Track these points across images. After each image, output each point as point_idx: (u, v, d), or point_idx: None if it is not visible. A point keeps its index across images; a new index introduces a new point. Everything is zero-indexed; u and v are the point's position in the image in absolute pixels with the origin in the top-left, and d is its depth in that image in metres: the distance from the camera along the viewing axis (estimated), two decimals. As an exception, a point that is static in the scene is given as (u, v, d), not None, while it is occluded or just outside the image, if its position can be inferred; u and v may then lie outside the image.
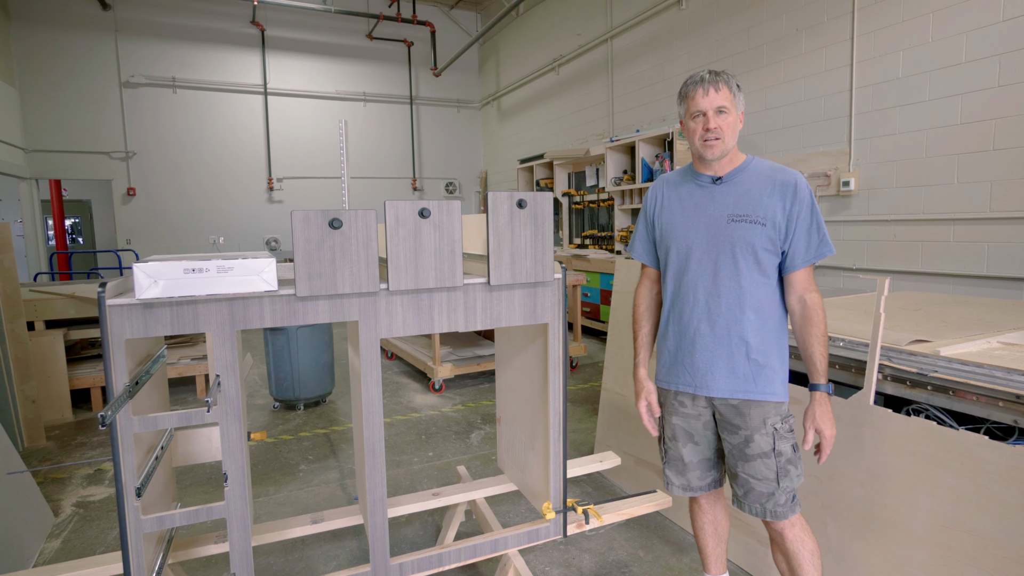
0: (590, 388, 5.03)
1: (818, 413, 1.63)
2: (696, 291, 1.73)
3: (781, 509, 1.69)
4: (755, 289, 1.67)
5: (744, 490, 1.73)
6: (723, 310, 1.69)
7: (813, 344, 1.64)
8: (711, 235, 1.70)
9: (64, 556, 2.60)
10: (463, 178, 11.69)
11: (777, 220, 1.64)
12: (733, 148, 1.69)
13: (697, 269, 1.72)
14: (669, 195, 1.83)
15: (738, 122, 1.68)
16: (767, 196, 1.65)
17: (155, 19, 9.22)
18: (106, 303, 1.36)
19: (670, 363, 1.81)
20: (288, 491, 3.20)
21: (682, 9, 6.53)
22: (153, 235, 9.37)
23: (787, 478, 1.69)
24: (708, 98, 1.64)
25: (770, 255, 1.66)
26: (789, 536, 1.72)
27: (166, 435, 1.87)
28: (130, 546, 1.46)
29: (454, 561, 1.82)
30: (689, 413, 1.80)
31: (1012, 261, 3.94)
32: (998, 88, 3.92)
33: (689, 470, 1.84)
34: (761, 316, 1.68)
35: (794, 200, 1.64)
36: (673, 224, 1.79)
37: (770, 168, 1.71)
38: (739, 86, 1.69)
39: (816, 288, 1.68)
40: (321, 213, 1.47)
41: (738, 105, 1.67)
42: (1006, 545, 1.58)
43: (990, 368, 1.77)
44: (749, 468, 1.70)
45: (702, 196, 1.74)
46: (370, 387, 1.62)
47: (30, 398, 3.92)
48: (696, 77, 1.67)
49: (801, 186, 1.65)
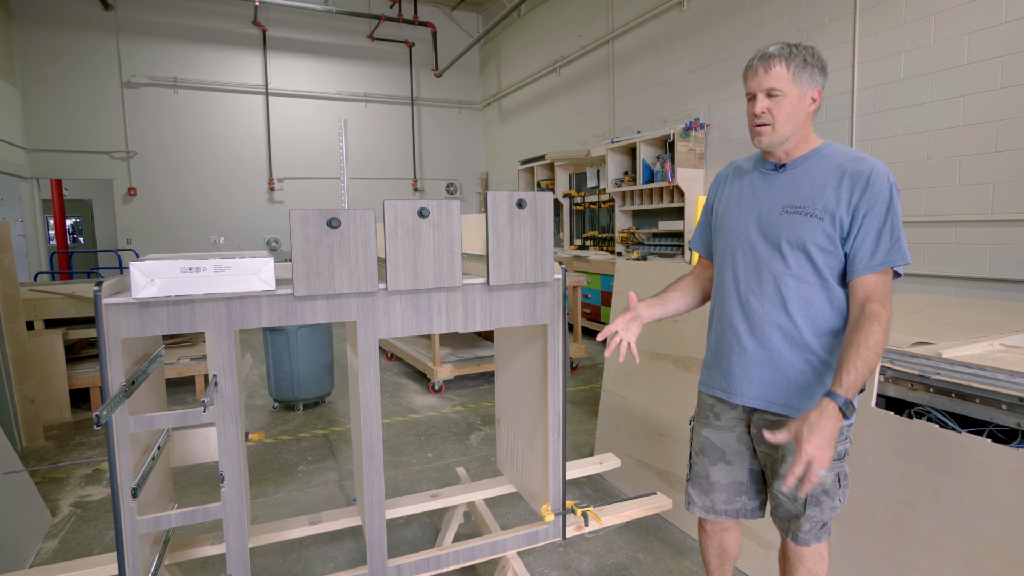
0: (590, 389, 5.02)
1: (811, 419, 1.28)
2: (739, 288, 1.56)
3: (804, 536, 1.52)
4: (806, 291, 1.46)
5: (774, 504, 1.60)
6: (765, 312, 1.51)
7: (850, 351, 1.33)
8: (760, 228, 1.52)
9: (61, 556, 2.58)
10: (464, 179, 11.69)
11: (839, 215, 1.41)
12: (802, 133, 1.48)
13: (743, 264, 1.56)
14: (732, 182, 1.66)
15: (802, 104, 1.45)
16: (832, 187, 1.43)
17: (156, 19, 9.23)
18: (103, 302, 1.35)
19: (710, 364, 1.68)
20: (287, 492, 3.19)
21: (683, 10, 6.52)
22: (154, 235, 9.37)
23: (818, 507, 1.49)
24: (757, 79, 1.45)
25: (827, 255, 1.44)
26: (794, 559, 1.59)
27: (163, 435, 1.86)
28: (125, 547, 1.45)
29: (452, 563, 1.80)
30: (722, 426, 1.64)
31: (1014, 263, 3.92)
32: (1000, 90, 3.91)
33: (715, 491, 1.67)
34: (812, 323, 1.47)
35: (864, 193, 1.39)
36: (728, 213, 1.62)
37: (845, 155, 1.46)
38: (809, 61, 1.43)
39: (885, 301, 1.38)
40: (319, 212, 1.46)
41: (802, 85, 1.43)
42: (1009, 549, 1.57)
43: (993, 371, 1.76)
44: (779, 484, 1.54)
45: (761, 185, 1.56)
46: (368, 388, 1.60)
47: (29, 398, 3.91)
48: (755, 54, 1.48)
49: (877, 178, 1.40)
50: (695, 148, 6.18)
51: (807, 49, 1.44)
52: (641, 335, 3.00)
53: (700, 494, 1.71)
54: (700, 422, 1.71)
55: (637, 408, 2.98)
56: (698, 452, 1.71)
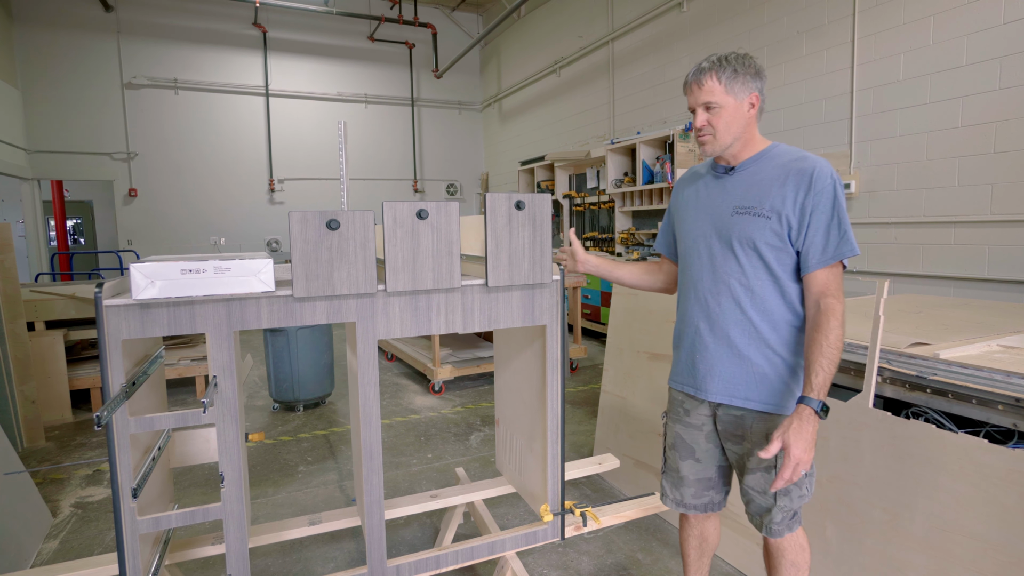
0: (590, 390, 5.02)
1: (793, 427, 1.37)
2: (698, 289, 1.64)
3: (776, 527, 1.59)
4: (759, 288, 1.53)
5: (746, 500, 1.66)
6: (722, 310, 1.58)
7: (813, 352, 1.43)
8: (714, 229, 1.60)
9: (62, 557, 2.59)
10: (464, 180, 11.70)
11: (785, 213, 1.47)
12: (746, 137, 1.55)
13: (698, 265, 1.63)
14: (689, 186, 1.73)
15: (740, 112, 1.52)
16: (777, 186, 1.50)
17: (157, 20, 9.25)
18: (103, 303, 1.36)
19: (676, 362, 1.75)
20: (287, 492, 3.20)
21: (683, 11, 6.53)
22: (154, 236, 9.38)
23: (787, 497, 1.56)
24: (693, 95, 1.55)
25: (778, 252, 1.50)
26: (776, 553, 1.66)
27: (163, 436, 1.87)
28: (126, 547, 1.45)
29: (451, 563, 1.81)
30: (691, 423, 1.71)
31: (1013, 264, 3.93)
32: (999, 91, 3.91)
33: (685, 485, 1.75)
34: (767, 318, 1.54)
35: (809, 191, 1.46)
36: (686, 216, 1.70)
37: (789, 155, 1.53)
38: (739, 70, 1.50)
39: (838, 294, 1.46)
40: (319, 214, 1.47)
41: (736, 94, 1.51)
42: (1006, 549, 1.58)
43: (989, 371, 1.76)
44: (749, 479, 1.62)
45: (715, 187, 1.63)
46: (367, 388, 1.61)
47: (30, 398, 3.92)
48: (690, 70, 1.57)
49: (820, 175, 1.46)
50: (695, 149, 6.18)
51: (738, 59, 1.51)
52: (641, 336, 3.01)
53: (672, 487, 1.79)
54: (672, 417, 1.78)
55: (636, 409, 2.98)
56: (671, 447, 1.79)
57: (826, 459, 2.04)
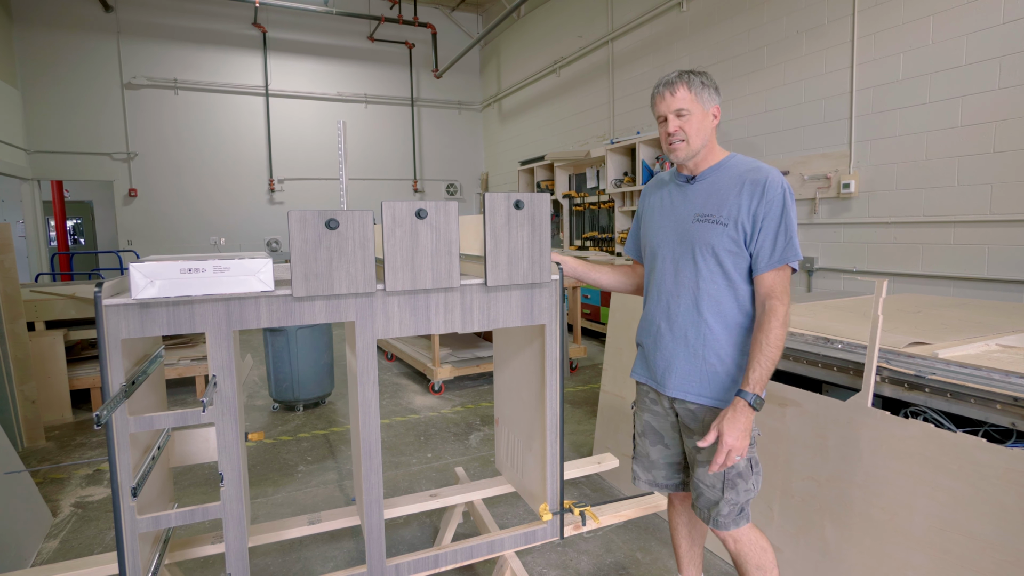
0: (590, 390, 5.02)
1: (728, 417, 1.52)
2: (660, 291, 1.74)
3: (723, 520, 1.66)
4: (716, 292, 1.63)
5: (696, 493, 1.73)
6: (681, 311, 1.68)
7: (754, 349, 1.54)
8: (676, 235, 1.70)
9: (62, 556, 2.60)
10: (464, 180, 11.70)
11: (741, 220, 1.59)
12: (708, 147, 1.66)
13: (661, 269, 1.74)
14: (655, 193, 1.85)
15: (707, 120, 1.64)
16: (734, 195, 1.61)
17: (157, 21, 9.25)
18: (103, 303, 1.36)
19: (641, 357, 1.85)
20: (286, 492, 3.20)
21: (683, 11, 6.53)
22: (154, 236, 9.39)
23: (733, 490, 1.64)
24: (665, 102, 1.63)
25: (735, 257, 1.61)
26: (731, 548, 1.71)
27: (163, 435, 1.87)
28: (126, 546, 1.46)
29: (451, 562, 1.81)
30: (658, 411, 1.82)
31: (1012, 264, 3.93)
32: (999, 90, 3.91)
33: (656, 468, 1.86)
34: (722, 320, 1.64)
35: (761, 199, 1.57)
36: (651, 223, 1.81)
37: (744, 166, 1.65)
38: (705, 83, 1.63)
39: (783, 296, 1.57)
40: (318, 213, 1.47)
41: (703, 103, 1.62)
42: (1004, 548, 1.58)
43: (988, 371, 1.76)
44: (699, 472, 1.69)
45: (678, 195, 1.74)
46: (366, 388, 1.61)
47: (30, 398, 3.92)
48: (658, 82, 1.67)
49: (772, 185, 1.57)
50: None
51: (701, 73, 1.65)
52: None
53: (643, 470, 1.89)
54: (640, 407, 1.88)
55: (636, 408, 2.99)
56: (640, 434, 1.88)
57: (825, 459, 2.04)
